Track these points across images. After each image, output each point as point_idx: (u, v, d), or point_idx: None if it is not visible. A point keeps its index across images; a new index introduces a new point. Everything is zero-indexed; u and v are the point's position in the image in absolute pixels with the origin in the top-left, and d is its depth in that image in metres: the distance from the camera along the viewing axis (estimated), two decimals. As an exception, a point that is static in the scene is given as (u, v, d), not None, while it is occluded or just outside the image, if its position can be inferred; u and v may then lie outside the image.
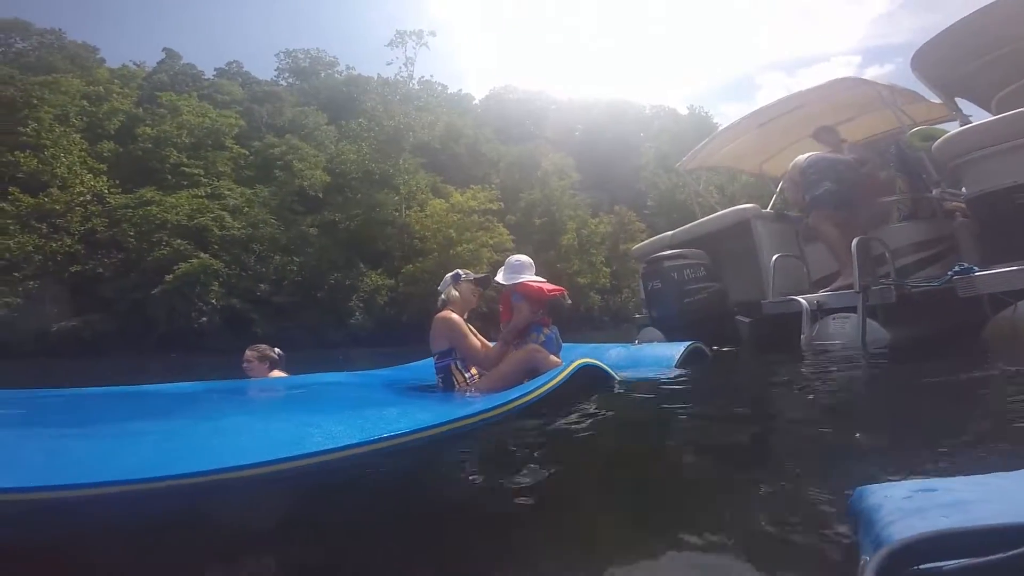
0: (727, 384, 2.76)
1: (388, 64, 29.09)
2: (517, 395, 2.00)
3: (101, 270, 21.79)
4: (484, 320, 2.95)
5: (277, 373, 3.30)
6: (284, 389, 2.94)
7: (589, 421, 1.87)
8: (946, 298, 3.02)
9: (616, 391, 2.28)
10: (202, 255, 21.97)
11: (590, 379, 2.23)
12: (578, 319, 25.83)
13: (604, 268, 29.93)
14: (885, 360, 2.99)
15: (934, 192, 4.55)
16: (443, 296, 2.75)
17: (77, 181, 23.13)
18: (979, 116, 5.31)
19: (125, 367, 9.21)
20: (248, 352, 3.32)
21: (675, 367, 2.77)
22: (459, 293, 2.75)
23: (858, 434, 1.49)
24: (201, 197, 24.26)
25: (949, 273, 3.05)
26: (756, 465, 1.36)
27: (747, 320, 4.64)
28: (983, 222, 3.19)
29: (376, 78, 35.28)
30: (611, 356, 2.98)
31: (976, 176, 3.14)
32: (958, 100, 5.07)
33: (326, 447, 1.37)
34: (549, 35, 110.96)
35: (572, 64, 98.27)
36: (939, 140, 3.35)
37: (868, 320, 3.44)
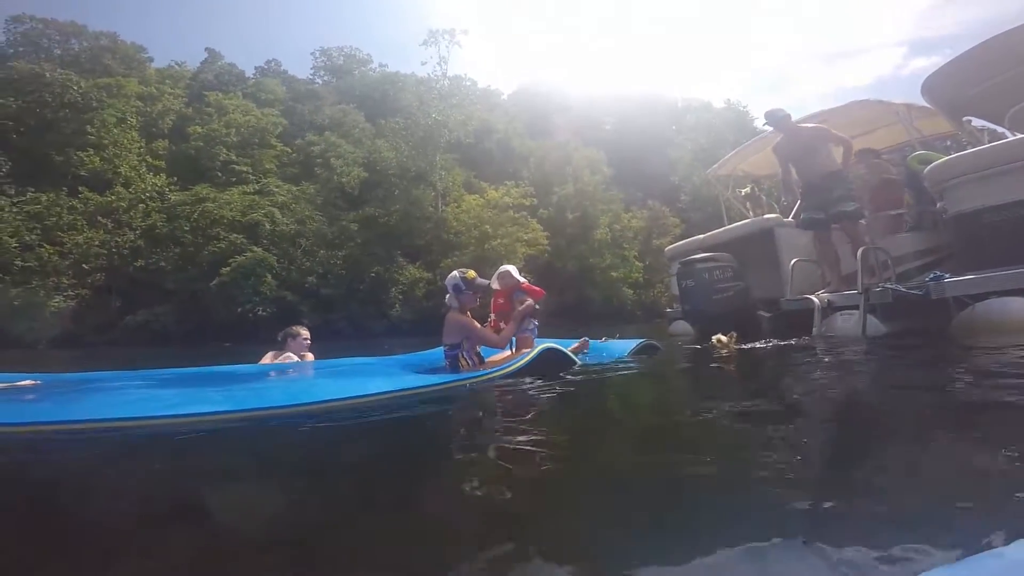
0: (665, 371, 3.50)
1: (423, 64, 29.75)
2: (499, 369, 2.87)
3: (164, 263, 23.47)
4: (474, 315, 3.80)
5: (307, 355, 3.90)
6: (333, 368, 3.79)
7: (548, 394, 2.55)
8: (927, 299, 3.71)
9: (575, 371, 3.05)
10: (255, 249, 23.48)
11: (556, 363, 3.04)
12: (610, 313, 26.35)
13: (637, 263, 30.33)
14: (882, 350, 3.60)
15: (938, 206, 5.19)
16: (449, 299, 3.32)
17: (139, 179, 24.87)
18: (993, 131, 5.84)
19: (196, 354, 10.18)
20: (303, 331, 3.95)
21: (627, 356, 3.61)
22: (461, 302, 3.41)
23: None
24: (251, 194, 25.82)
25: (926, 280, 3.77)
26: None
27: (767, 315, 5.38)
28: (958, 237, 3.84)
29: (411, 76, 35.98)
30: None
31: (954, 199, 3.80)
32: (972, 119, 5.61)
33: (381, 390, 2.33)
34: (577, 29, 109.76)
35: (600, 58, 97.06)
36: (929, 166, 3.97)
37: (868, 316, 4.17)
